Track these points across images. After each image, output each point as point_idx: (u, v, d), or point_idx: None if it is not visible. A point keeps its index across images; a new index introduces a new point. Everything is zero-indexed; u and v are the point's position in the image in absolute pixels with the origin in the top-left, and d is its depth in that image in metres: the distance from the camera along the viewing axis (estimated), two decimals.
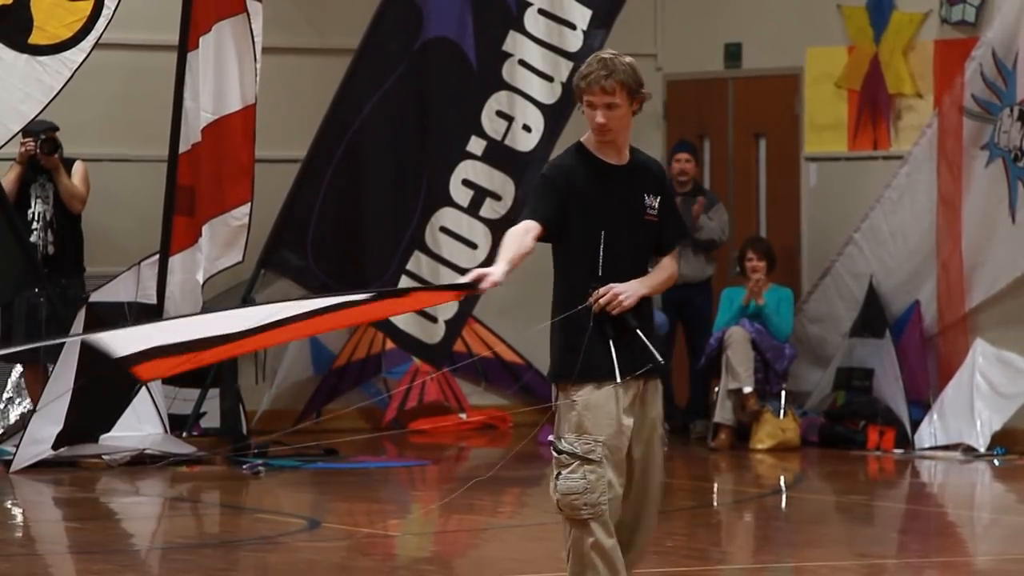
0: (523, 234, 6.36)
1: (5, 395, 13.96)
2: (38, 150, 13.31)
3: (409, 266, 13.25)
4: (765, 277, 14.05)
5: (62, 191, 13.13)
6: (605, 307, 6.55)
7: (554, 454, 6.55)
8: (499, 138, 13.42)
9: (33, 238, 13.29)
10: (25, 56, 12.22)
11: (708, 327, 14.40)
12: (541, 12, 12.89)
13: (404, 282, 13.09)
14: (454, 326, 13.53)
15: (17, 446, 12.84)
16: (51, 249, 13.24)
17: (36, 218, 13.35)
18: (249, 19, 12.40)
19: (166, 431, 12.57)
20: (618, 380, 6.71)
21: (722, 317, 14.68)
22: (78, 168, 13.23)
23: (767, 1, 15.40)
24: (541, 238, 6.38)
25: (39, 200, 13.32)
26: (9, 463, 12.53)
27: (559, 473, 6.35)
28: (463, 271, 12.72)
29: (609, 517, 6.52)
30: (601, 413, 6.52)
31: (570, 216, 6.49)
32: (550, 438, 6.79)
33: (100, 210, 13.64)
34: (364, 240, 13.47)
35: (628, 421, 6.50)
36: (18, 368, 13.93)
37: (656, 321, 14.18)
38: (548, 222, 6.35)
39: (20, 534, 11.36)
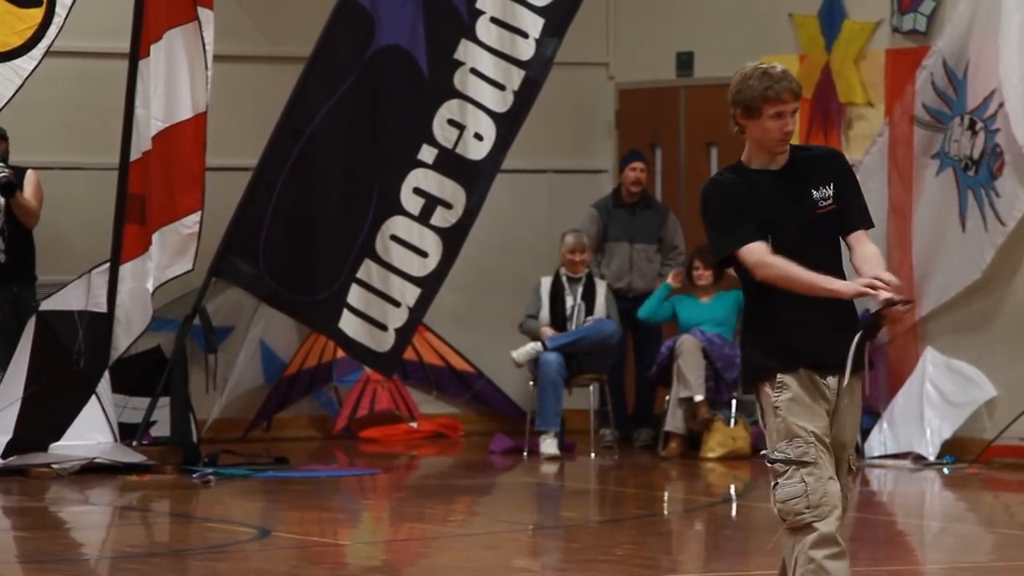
0: (770, 253, 6.36)
1: None
2: None
3: (359, 274, 13.26)
4: (713, 285, 14.00)
5: (16, 209, 13.09)
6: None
7: (769, 465, 6.43)
8: (450, 146, 13.42)
9: None
10: None
11: (658, 337, 14.44)
12: (493, 20, 12.97)
13: (354, 291, 13.08)
14: (404, 334, 13.52)
15: None
16: (2, 257, 13.31)
17: None
18: (200, 27, 12.48)
19: (116, 440, 12.51)
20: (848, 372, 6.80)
21: (648, 304, 14.36)
22: (30, 178, 13.14)
23: (719, 10, 15.50)
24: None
25: None
26: None
27: (776, 483, 6.35)
28: (413, 279, 13.35)
29: (836, 517, 6.38)
30: (803, 406, 6.43)
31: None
32: (763, 452, 6.64)
33: (51, 218, 13.55)
34: (315, 248, 13.42)
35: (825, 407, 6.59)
36: None
37: (607, 330, 14.05)
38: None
39: None
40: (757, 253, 6.19)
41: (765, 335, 6.72)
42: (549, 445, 14.23)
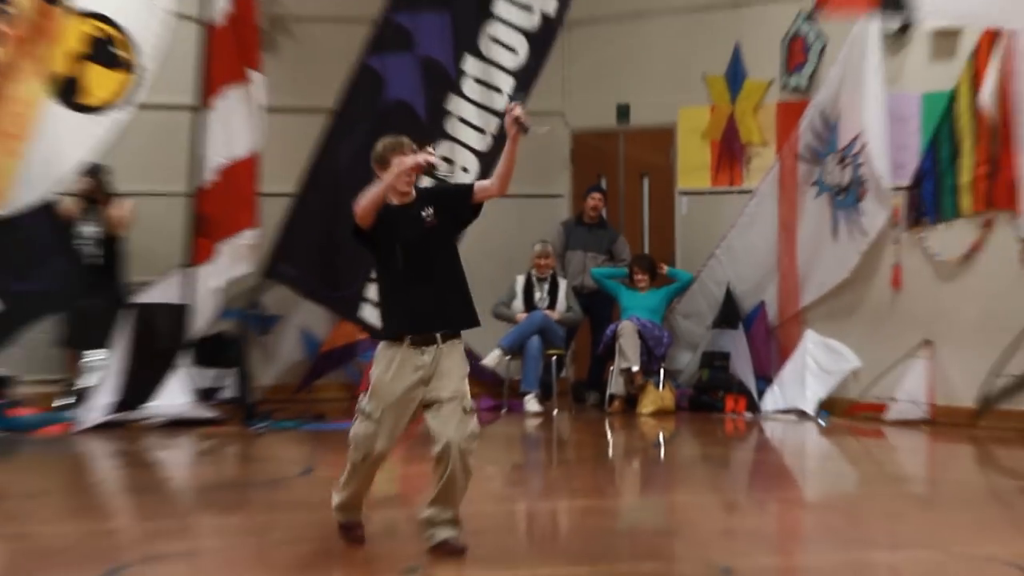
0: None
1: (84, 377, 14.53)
2: (95, 191, 14.22)
3: (373, 275, 13.06)
4: (648, 284, 15.23)
5: (108, 219, 14.23)
6: None
7: None
8: (444, 178, 14.38)
9: (86, 252, 14.29)
10: (77, 113, 13.33)
11: (606, 323, 15.48)
12: (476, 80, 14.44)
13: (370, 287, 14.11)
14: None
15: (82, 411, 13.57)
16: (101, 261, 14.38)
17: (88, 237, 14.47)
18: (252, 85, 13.79)
19: (194, 400, 13.91)
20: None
21: (605, 271, 15.70)
22: (127, 204, 14.31)
23: (649, 71, 16.57)
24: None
25: (91, 224, 14.35)
26: (76, 424, 13.39)
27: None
28: None
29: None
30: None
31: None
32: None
33: (139, 233, 14.59)
34: (339, 256, 14.30)
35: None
36: (91, 354, 14.35)
37: (536, 319, 14.47)
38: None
39: (89, 478, 12.42)
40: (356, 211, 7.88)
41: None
42: (531, 403, 15.12)
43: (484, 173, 13.76)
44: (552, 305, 15.45)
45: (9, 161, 13.03)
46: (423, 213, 8.21)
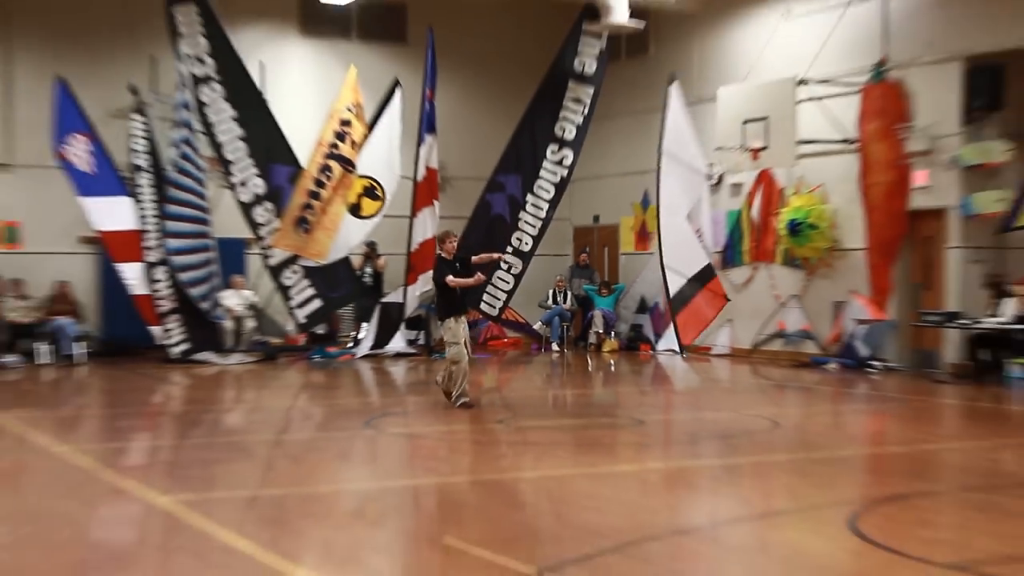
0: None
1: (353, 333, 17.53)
2: (369, 252, 16.96)
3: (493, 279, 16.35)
4: (607, 294, 18.53)
5: (375, 265, 17.31)
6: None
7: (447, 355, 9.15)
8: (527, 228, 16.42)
9: (365, 281, 17.40)
10: (358, 220, 16.31)
11: (589, 312, 18.57)
12: (532, 206, 16.45)
13: (488, 291, 16.35)
14: (500, 309, 17.10)
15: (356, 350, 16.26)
16: (371, 282, 17.46)
17: (365, 273, 17.61)
18: (434, 207, 16.22)
19: (406, 345, 17.07)
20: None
21: (590, 291, 18.26)
22: (383, 258, 17.35)
23: (608, 201, 19.40)
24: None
25: (368, 267, 17.58)
26: (355, 356, 16.11)
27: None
28: (507, 290, 16.71)
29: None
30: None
31: None
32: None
33: (388, 272, 17.60)
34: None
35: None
36: (365, 324, 16.90)
37: (575, 309, 17.95)
38: None
39: (367, 380, 14.31)
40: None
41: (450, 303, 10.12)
42: (555, 348, 18.28)
43: (543, 229, 16.64)
44: (565, 302, 18.79)
45: (328, 240, 16.17)
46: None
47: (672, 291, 16.02)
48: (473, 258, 11.02)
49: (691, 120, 16.18)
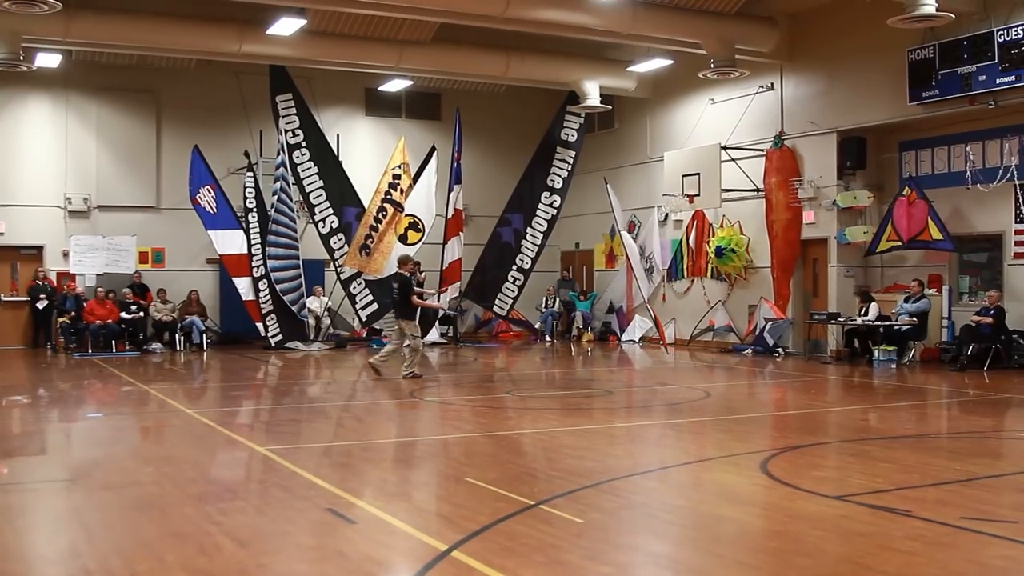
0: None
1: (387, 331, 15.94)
2: (416, 270, 13.89)
3: (503, 286, 16.46)
4: (586, 298, 18.06)
5: (418, 278, 14.63)
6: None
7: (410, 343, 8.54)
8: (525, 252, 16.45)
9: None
10: (404, 246, 15.29)
11: (572, 313, 18.13)
12: (530, 239, 16.68)
13: (499, 296, 16.31)
14: (507, 309, 17.06)
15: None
16: (398, 296, 11.86)
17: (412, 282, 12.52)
18: (461, 236, 16.12)
19: (441, 336, 17.01)
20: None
21: (574, 297, 17.80)
22: (425, 273, 16.02)
23: (587, 231, 18.87)
24: None
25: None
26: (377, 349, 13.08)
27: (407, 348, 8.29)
28: (512, 296, 16.42)
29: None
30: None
31: None
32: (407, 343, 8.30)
33: (427, 284, 16.07)
34: (487, 274, 16.53)
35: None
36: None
37: (561, 311, 17.06)
38: None
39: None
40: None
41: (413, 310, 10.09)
42: (547, 340, 17.82)
43: (539, 252, 16.46)
44: (555, 306, 18.64)
45: (383, 261, 15.60)
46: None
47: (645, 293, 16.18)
48: (415, 299, 11.07)
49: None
